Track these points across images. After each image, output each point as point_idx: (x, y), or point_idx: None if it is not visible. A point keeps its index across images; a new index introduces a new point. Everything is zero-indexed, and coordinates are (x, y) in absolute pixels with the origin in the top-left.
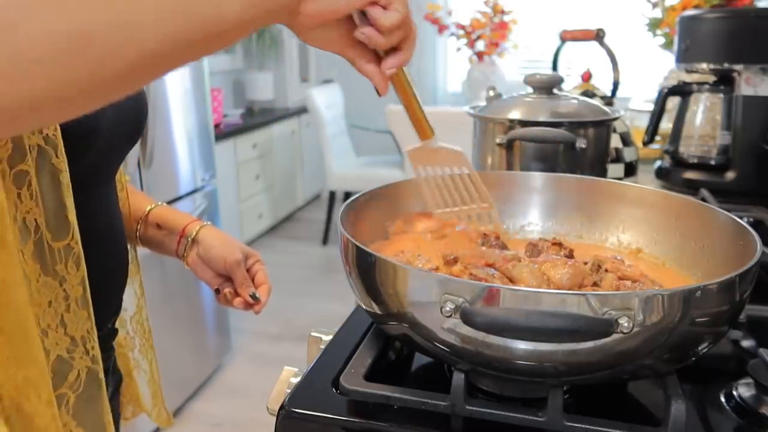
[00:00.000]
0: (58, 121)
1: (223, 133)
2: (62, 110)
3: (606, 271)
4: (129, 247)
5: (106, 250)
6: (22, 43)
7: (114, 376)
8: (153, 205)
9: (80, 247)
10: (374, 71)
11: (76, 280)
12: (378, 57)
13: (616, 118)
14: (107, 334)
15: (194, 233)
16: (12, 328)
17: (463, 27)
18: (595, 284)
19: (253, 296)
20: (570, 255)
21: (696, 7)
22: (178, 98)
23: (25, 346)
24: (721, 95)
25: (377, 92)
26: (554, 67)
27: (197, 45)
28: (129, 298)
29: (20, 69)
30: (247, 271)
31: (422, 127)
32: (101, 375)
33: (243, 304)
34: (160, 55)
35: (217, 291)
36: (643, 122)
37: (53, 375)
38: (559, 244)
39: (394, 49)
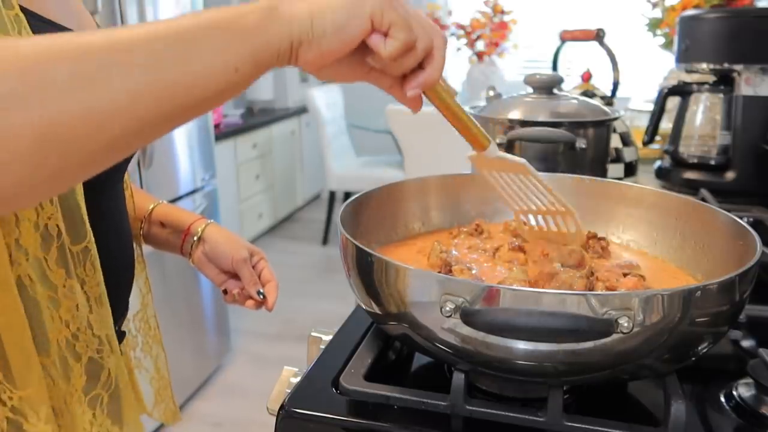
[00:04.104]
0: (26, 208)
1: (223, 133)
2: (29, 200)
3: (597, 279)
4: (134, 245)
5: (115, 249)
6: None
7: None
8: (156, 203)
9: (95, 248)
10: (399, 94)
11: (95, 281)
12: (404, 76)
13: (616, 118)
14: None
15: (200, 231)
16: (11, 349)
17: (463, 27)
18: None
19: (260, 293)
20: (605, 248)
21: (696, 7)
22: None
23: (24, 367)
24: (721, 95)
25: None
26: (554, 67)
27: (182, 113)
28: (133, 295)
29: None
30: (253, 268)
31: (475, 140)
32: (125, 370)
33: (255, 304)
34: (137, 133)
35: (225, 291)
36: (643, 122)
37: (87, 378)
38: (595, 236)
39: (418, 67)
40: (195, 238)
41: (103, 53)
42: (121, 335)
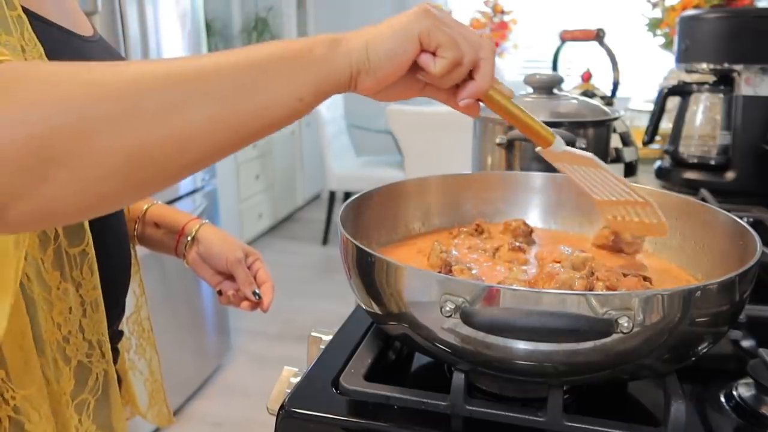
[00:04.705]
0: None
1: None
2: (112, 209)
3: (597, 279)
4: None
5: (112, 251)
6: (86, 162)
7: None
8: (150, 204)
9: (93, 251)
10: (454, 104)
11: (91, 285)
12: (457, 87)
13: (616, 118)
14: (112, 337)
15: (194, 232)
16: (12, 350)
17: None
18: None
19: (255, 294)
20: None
21: (696, 7)
22: None
23: (24, 367)
24: (721, 95)
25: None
26: (554, 67)
27: (249, 138)
28: (128, 298)
29: (80, 189)
30: (248, 268)
31: (538, 137)
32: (115, 376)
33: (250, 305)
34: (209, 157)
35: (220, 293)
36: (643, 122)
37: (75, 382)
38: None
39: (469, 77)
40: (189, 239)
41: (188, 83)
42: (119, 334)
